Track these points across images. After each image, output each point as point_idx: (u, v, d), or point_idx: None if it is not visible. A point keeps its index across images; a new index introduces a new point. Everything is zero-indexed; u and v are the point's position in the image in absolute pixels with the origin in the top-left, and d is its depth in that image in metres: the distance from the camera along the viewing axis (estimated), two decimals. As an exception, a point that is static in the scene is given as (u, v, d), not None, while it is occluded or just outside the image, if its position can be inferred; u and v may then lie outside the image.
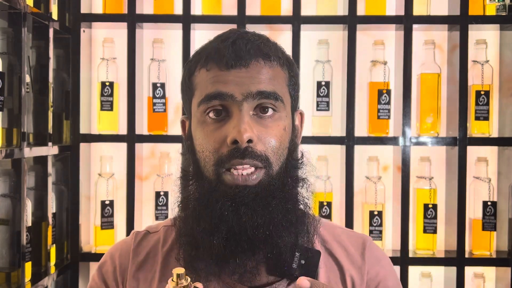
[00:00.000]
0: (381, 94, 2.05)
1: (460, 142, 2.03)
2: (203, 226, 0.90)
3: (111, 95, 2.07)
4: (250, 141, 0.90)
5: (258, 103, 0.92)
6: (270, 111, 0.93)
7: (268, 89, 0.92)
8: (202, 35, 2.16)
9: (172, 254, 0.99)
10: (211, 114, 0.93)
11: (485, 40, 2.07)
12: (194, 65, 0.97)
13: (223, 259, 0.90)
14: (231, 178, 0.91)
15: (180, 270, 0.78)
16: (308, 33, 2.13)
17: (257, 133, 0.91)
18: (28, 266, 1.68)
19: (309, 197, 0.98)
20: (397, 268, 2.01)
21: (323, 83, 2.06)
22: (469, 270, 2.07)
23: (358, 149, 2.09)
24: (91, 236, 2.15)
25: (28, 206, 1.68)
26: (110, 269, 1.01)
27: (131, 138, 2.05)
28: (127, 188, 2.05)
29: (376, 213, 2.05)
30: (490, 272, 2.14)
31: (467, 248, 2.08)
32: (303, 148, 1.01)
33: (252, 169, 0.91)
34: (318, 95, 2.06)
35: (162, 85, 2.07)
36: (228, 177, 0.91)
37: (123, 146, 2.08)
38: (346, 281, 0.98)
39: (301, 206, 0.96)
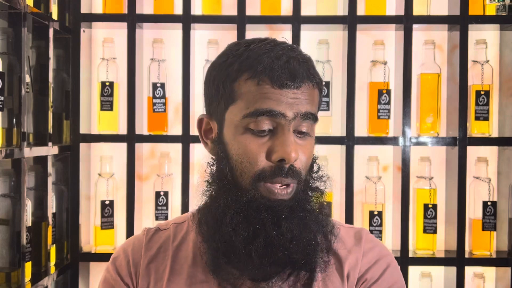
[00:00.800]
0: (381, 94, 2.05)
1: (460, 142, 2.03)
2: (242, 235, 0.93)
3: (111, 95, 2.07)
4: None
5: (301, 123, 0.97)
6: (306, 131, 0.98)
7: (312, 110, 0.98)
8: (202, 35, 2.16)
9: (181, 249, 1.04)
10: (254, 127, 0.95)
11: (485, 40, 2.07)
12: (237, 71, 0.96)
13: (255, 267, 0.94)
14: (268, 191, 0.95)
15: None
16: (308, 33, 2.13)
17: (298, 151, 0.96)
18: (28, 266, 1.68)
19: (326, 205, 1.03)
20: (397, 268, 2.01)
21: (323, 83, 2.05)
22: (469, 270, 2.07)
23: (358, 149, 2.09)
24: (91, 236, 2.15)
25: (28, 206, 1.68)
26: (124, 262, 1.05)
27: (131, 138, 2.05)
28: (127, 188, 2.05)
29: (376, 213, 2.05)
30: (490, 272, 2.14)
31: (467, 248, 2.08)
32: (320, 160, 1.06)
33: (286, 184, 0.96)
34: (318, 95, 2.05)
35: (162, 85, 2.07)
36: (265, 190, 0.95)
37: (123, 146, 2.08)
38: (343, 270, 1.02)
39: (322, 215, 1.01)
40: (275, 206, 0.94)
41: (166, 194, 2.08)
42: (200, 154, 2.13)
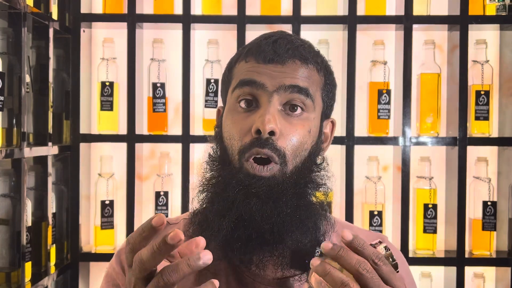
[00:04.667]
0: (381, 94, 2.05)
1: (460, 142, 2.03)
2: (216, 207, 0.92)
3: (111, 95, 2.08)
4: (272, 133, 0.92)
5: (289, 97, 0.94)
6: (299, 110, 0.95)
7: (301, 84, 0.95)
8: (202, 35, 2.16)
9: None
10: (242, 103, 0.96)
11: (485, 40, 2.07)
12: (235, 58, 1.01)
13: (230, 244, 0.92)
14: (250, 166, 0.93)
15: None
16: (308, 33, 2.12)
17: (281, 127, 0.93)
18: (28, 266, 1.68)
19: (324, 201, 1.00)
20: (397, 268, 2.01)
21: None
22: (469, 270, 2.07)
23: (358, 149, 2.09)
24: (91, 236, 2.15)
25: (28, 206, 1.68)
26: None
27: (131, 138, 2.05)
28: (127, 188, 2.05)
29: (376, 213, 2.05)
30: (490, 272, 2.14)
31: (467, 248, 2.08)
32: (330, 156, 1.04)
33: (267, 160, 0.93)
34: (318, 95, 2.05)
35: (162, 85, 2.07)
36: (248, 165, 0.93)
37: (123, 146, 2.08)
38: None
39: (315, 206, 0.98)
40: (251, 184, 0.91)
41: (166, 194, 2.08)
42: (200, 154, 2.13)
